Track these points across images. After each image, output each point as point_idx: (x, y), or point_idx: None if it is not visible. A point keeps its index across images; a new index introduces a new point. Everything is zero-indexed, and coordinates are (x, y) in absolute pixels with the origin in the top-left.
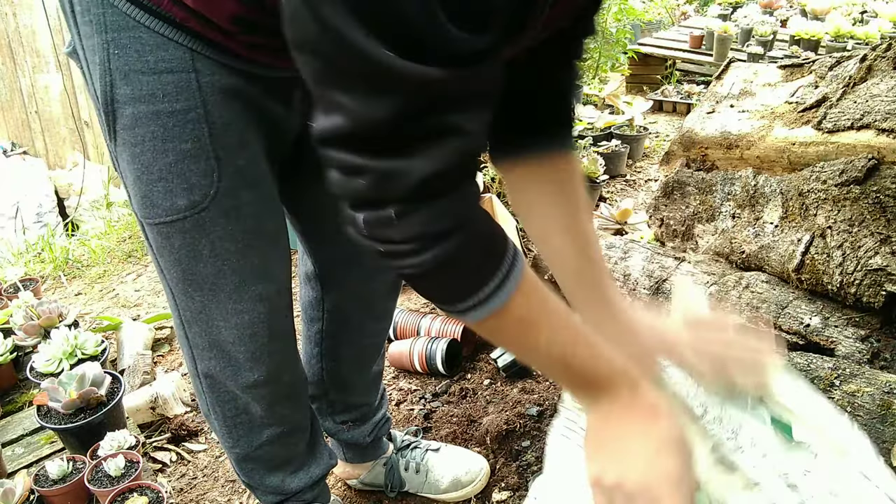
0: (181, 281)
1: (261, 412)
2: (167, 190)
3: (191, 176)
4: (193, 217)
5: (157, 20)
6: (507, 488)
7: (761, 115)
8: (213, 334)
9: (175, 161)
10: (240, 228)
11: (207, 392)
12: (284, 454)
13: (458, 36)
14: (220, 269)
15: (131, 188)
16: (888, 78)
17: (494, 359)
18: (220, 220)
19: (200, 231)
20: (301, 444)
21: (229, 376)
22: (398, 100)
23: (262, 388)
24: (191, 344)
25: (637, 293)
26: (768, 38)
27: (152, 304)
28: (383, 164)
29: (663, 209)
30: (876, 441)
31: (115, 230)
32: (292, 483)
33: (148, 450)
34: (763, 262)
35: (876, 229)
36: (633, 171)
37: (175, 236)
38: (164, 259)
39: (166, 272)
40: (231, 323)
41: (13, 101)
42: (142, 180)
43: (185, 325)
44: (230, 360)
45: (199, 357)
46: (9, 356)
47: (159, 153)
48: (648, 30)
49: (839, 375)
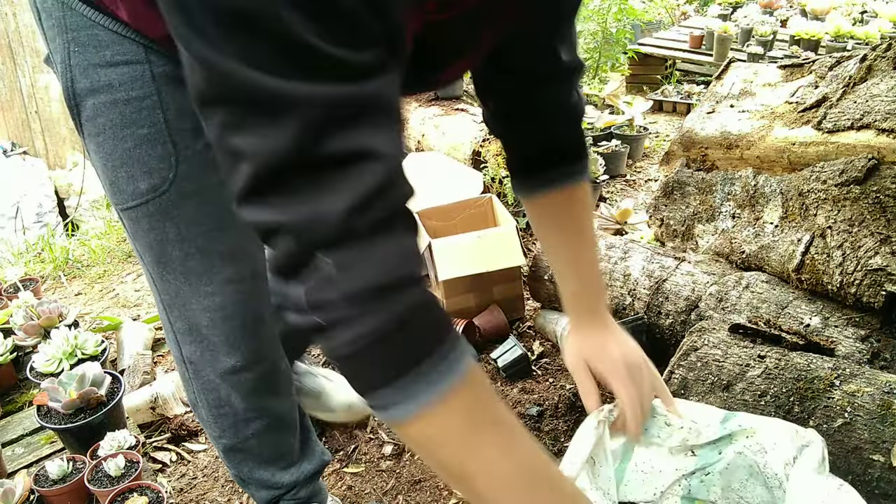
0: (156, 265)
1: (242, 403)
2: (129, 175)
3: (150, 160)
4: (156, 200)
5: (112, 20)
6: None
7: (761, 115)
8: (189, 318)
9: (134, 146)
10: (204, 212)
11: (193, 379)
12: (273, 449)
13: (334, 52)
14: (187, 251)
15: (101, 177)
16: (888, 78)
17: (494, 359)
18: (183, 202)
19: (165, 215)
20: (290, 440)
21: (208, 361)
22: (294, 123)
23: (240, 375)
24: (173, 329)
25: (637, 293)
26: (768, 38)
27: (152, 303)
28: (299, 211)
29: (663, 209)
30: (876, 441)
31: (115, 230)
32: (283, 478)
33: (148, 450)
34: (763, 262)
35: (876, 229)
36: (633, 171)
37: (142, 220)
38: (139, 244)
39: (143, 257)
40: (203, 305)
41: (13, 101)
42: (107, 167)
43: (166, 310)
44: (208, 344)
45: (182, 342)
46: (9, 356)
47: (119, 140)
48: (648, 30)
49: (839, 375)
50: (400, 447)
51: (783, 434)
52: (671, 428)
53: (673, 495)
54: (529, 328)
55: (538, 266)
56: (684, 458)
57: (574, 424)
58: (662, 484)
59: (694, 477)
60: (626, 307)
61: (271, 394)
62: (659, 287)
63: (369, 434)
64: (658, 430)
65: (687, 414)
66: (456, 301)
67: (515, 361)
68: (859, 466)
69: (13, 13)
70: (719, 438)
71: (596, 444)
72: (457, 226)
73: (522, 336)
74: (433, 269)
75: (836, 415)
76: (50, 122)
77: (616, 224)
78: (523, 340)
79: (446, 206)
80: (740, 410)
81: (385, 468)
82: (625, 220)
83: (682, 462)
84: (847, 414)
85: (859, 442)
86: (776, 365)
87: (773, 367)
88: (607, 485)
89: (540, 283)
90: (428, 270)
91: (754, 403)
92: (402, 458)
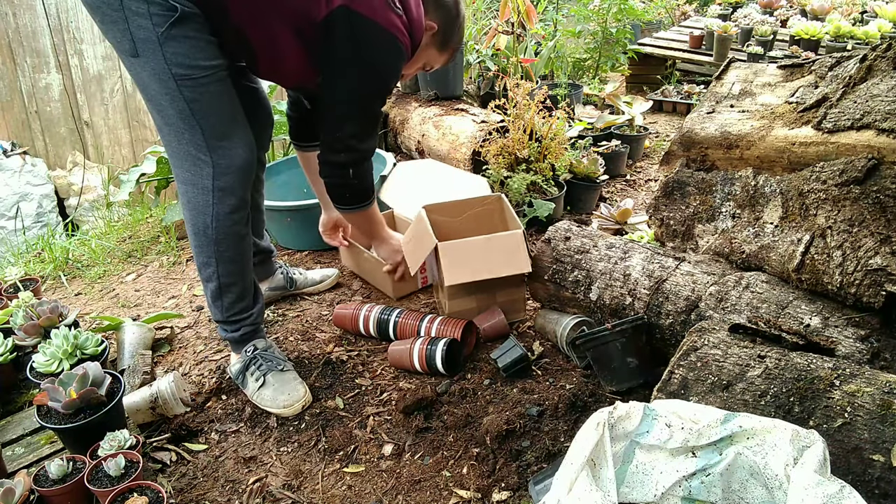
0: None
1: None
2: (117, 42)
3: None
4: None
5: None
6: (507, 488)
7: (761, 115)
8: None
9: (104, 27)
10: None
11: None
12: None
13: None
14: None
15: None
16: (888, 78)
17: (494, 359)
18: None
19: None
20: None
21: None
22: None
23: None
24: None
25: (637, 293)
26: (768, 38)
27: (152, 304)
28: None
29: (663, 209)
30: (876, 441)
31: (115, 230)
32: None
33: (148, 450)
34: (763, 262)
35: (876, 229)
36: (633, 171)
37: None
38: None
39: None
40: None
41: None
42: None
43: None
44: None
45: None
46: (9, 356)
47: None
48: (648, 30)
49: (839, 375)
50: (400, 447)
51: (784, 435)
52: (672, 429)
53: (674, 496)
54: (529, 328)
55: (538, 267)
56: (685, 459)
57: (574, 424)
58: (663, 485)
59: (694, 478)
60: (626, 307)
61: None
62: (659, 287)
63: (369, 434)
64: (659, 431)
65: (687, 415)
66: (459, 303)
67: (515, 361)
68: (859, 466)
69: (13, 13)
70: (720, 439)
71: (596, 446)
72: (464, 223)
73: (522, 336)
74: (439, 272)
75: (836, 415)
76: (50, 122)
77: (616, 224)
78: (523, 340)
79: (454, 203)
80: (740, 410)
81: (385, 468)
82: (625, 220)
83: (683, 463)
84: (847, 414)
85: (859, 442)
86: (776, 365)
87: (773, 367)
88: (608, 486)
89: (540, 283)
90: (433, 272)
91: (754, 403)
92: (402, 458)
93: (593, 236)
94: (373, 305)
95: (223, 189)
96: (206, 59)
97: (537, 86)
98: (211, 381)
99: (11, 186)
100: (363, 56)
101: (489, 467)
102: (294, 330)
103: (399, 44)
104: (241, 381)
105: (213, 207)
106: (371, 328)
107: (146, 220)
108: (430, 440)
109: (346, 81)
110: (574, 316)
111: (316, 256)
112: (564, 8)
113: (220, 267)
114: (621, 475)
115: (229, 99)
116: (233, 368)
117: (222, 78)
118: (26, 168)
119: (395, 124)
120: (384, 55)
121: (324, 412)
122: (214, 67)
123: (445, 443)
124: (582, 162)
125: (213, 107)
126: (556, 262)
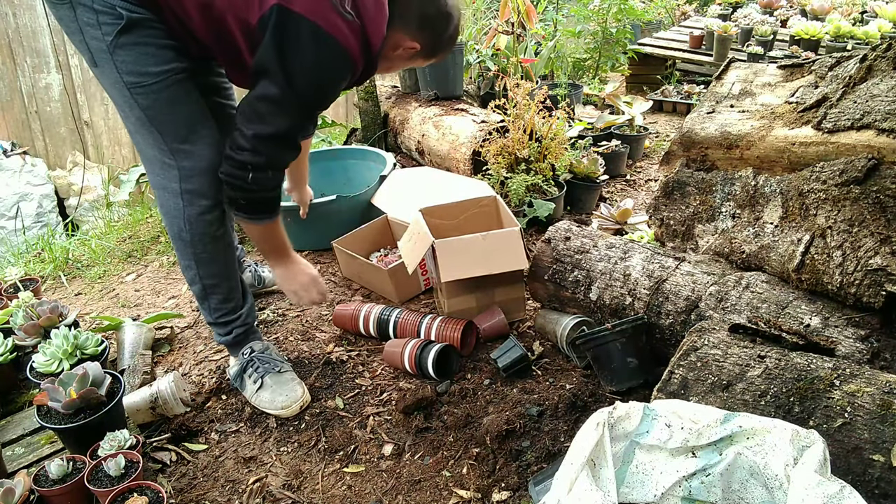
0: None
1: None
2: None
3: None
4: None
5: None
6: (507, 488)
7: (761, 115)
8: None
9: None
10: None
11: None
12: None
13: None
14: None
15: None
16: (888, 78)
17: (494, 359)
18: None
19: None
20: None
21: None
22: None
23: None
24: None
25: (637, 293)
26: (768, 38)
27: (152, 304)
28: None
29: (663, 209)
30: (876, 441)
31: (115, 230)
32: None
33: (148, 450)
34: (763, 262)
35: (876, 229)
36: (633, 171)
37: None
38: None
39: None
40: None
41: (13, 101)
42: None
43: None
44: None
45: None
46: (9, 356)
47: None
48: (648, 30)
49: (839, 375)
50: (400, 447)
51: (783, 435)
52: (672, 429)
53: (674, 496)
54: (529, 328)
55: (538, 267)
56: (685, 459)
57: (574, 424)
58: (663, 485)
59: (694, 478)
60: (626, 307)
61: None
62: (659, 287)
63: (369, 434)
64: (659, 431)
65: (687, 415)
66: (458, 301)
67: (515, 361)
68: (859, 466)
69: (13, 13)
70: (720, 439)
71: (596, 446)
72: (461, 225)
73: (522, 336)
74: (436, 269)
75: (836, 415)
76: (50, 122)
77: (616, 224)
78: (523, 340)
79: (451, 205)
80: (740, 410)
81: (385, 468)
82: (625, 220)
83: (683, 463)
84: (847, 414)
85: (859, 442)
86: (776, 365)
87: (773, 367)
88: (608, 486)
89: (540, 283)
90: (432, 270)
91: (754, 403)
92: (402, 458)
93: (593, 236)
94: (373, 305)
95: (191, 192)
96: (157, 64)
97: (537, 86)
98: (211, 381)
99: (11, 186)
100: (296, 59)
101: (489, 467)
102: (294, 330)
103: (341, 48)
104: (240, 384)
105: (184, 210)
106: (371, 328)
107: (146, 220)
108: (430, 440)
109: (272, 81)
110: (574, 316)
111: (316, 257)
112: (564, 8)
113: (200, 269)
114: (621, 475)
115: (188, 101)
116: (231, 371)
117: (177, 81)
118: (26, 168)
119: (395, 124)
120: (321, 60)
121: (324, 412)
122: (166, 73)
123: (445, 443)
124: (582, 162)
125: (169, 112)
126: (556, 262)
